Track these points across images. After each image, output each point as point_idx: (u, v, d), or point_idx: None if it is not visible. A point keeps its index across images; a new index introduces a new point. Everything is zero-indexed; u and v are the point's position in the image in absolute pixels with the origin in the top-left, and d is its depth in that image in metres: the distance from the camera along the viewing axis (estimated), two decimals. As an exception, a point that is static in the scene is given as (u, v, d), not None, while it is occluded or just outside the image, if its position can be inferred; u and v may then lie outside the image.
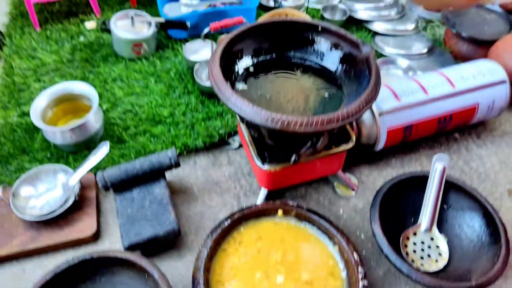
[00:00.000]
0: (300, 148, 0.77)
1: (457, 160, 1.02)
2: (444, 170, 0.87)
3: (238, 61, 0.84)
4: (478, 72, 0.98)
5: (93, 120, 0.95)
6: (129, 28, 1.16)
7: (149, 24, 1.18)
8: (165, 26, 1.20)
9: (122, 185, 0.85)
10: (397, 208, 0.88)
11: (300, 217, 0.82)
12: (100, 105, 1.07)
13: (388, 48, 1.25)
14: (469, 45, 1.20)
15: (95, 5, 1.32)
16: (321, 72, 0.86)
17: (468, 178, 0.99)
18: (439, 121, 0.96)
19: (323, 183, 0.97)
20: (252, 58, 0.86)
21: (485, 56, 1.18)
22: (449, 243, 0.84)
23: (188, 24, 1.20)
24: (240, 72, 0.84)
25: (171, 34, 1.27)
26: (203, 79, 1.13)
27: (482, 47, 1.18)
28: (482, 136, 1.08)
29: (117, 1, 1.41)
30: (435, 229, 0.84)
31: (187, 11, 1.28)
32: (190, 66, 1.16)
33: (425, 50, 1.24)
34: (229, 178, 0.97)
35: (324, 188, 0.96)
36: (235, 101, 0.69)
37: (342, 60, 0.84)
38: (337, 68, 0.85)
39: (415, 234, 0.84)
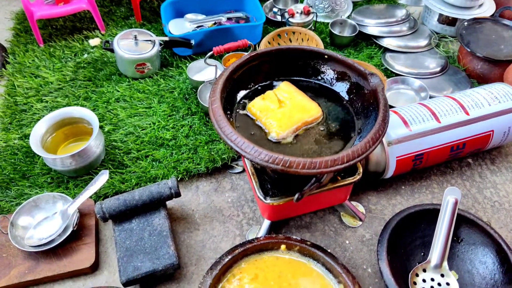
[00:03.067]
0: (304, 184, 0.73)
1: (470, 187, 0.98)
2: (456, 204, 0.83)
3: (241, 90, 0.81)
4: (493, 98, 0.94)
5: (94, 145, 0.93)
6: (132, 47, 1.14)
7: (153, 43, 1.15)
8: (169, 44, 1.18)
9: (121, 216, 0.83)
10: (406, 241, 0.84)
11: (303, 253, 0.79)
12: (102, 126, 1.05)
13: (399, 66, 1.21)
14: (484, 64, 1.15)
15: (99, 21, 1.31)
16: (333, 96, 0.82)
17: (482, 207, 0.94)
18: (452, 149, 0.92)
19: (329, 212, 0.93)
20: (255, 86, 0.83)
21: (501, 75, 1.14)
22: (460, 280, 0.80)
23: (193, 42, 1.18)
24: (243, 101, 0.81)
25: (176, 51, 1.25)
26: (207, 99, 1.10)
27: (498, 66, 1.13)
28: (497, 161, 1.03)
29: (122, 16, 1.39)
30: (445, 265, 0.80)
31: (192, 27, 1.25)
32: (194, 86, 1.14)
33: (438, 69, 1.19)
34: (232, 204, 0.94)
35: (330, 217, 0.92)
36: (235, 139, 0.66)
37: (349, 91, 0.81)
38: (345, 97, 0.81)
39: (425, 271, 0.80)
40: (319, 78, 0.84)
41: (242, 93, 0.81)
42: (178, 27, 1.27)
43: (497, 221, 0.92)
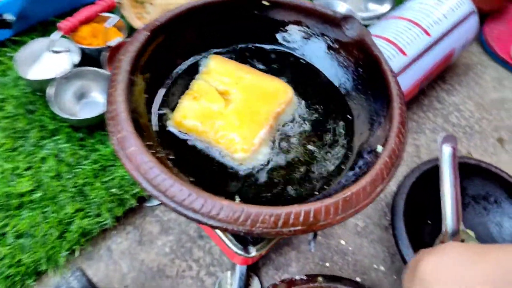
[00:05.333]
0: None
1: (434, 118, 0.83)
2: (454, 153, 0.65)
3: (154, 95, 0.46)
4: (446, 9, 0.75)
5: None
6: None
7: None
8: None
9: None
10: (409, 215, 0.66)
11: None
12: None
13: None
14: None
15: None
16: (304, 67, 0.53)
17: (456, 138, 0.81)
18: (420, 86, 0.74)
19: (305, 212, 0.69)
20: (174, 76, 0.48)
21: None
22: (478, 236, 0.67)
23: (11, 17, 0.70)
24: (162, 111, 0.46)
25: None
26: (68, 105, 0.69)
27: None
28: (447, 78, 0.89)
29: None
30: (462, 228, 0.65)
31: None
32: (37, 88, 0.70)
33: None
34: (175, 255, 0.62)
35: (309, 219, 0.68)
36: (202, 207, 0.34)
37: (323, 51, 0.52)
38: (317, 63, 0.53)
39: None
40: (275, 40, 0.53)
41: (158, 96, 0.46)
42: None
43: (475, 148, 0.80)
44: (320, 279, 0.55)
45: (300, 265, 0.63)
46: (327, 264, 0.64)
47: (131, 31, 0.78)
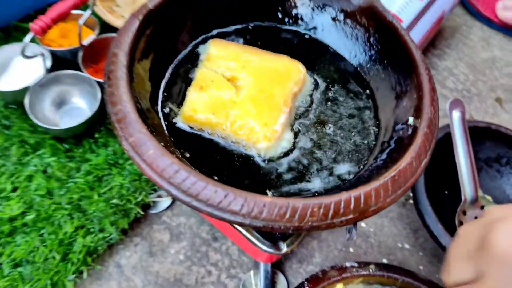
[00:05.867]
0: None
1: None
2: (463, 117, 0.64)
3: (155, 92, 0.41)
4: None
5: None
6: None
7: None
8: None
9: None
10: (428, 188, 0.64)
11: (369, 282, 0.53)
12: None
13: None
14: None
15: None
16: (316, 46, 0.49)
17: (454, 103, 0.80)
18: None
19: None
20: (171, 65, 0.44)
21: None
22: (496, 200, 0.66)
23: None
24: (168, 107, 0.41)
25: None
26: (47, 115, 0.63)
27: None
28: (436, 42, 0.87)
29: None
30: (481, 194, 0.64)
31: None
32: (10, 100, 0.63)
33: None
34: (190, 262, 0.58)
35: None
36: (235, 203, 0.30)
37: (329, 23, 0.48)
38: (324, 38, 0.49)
39: (465, 214, 0.63)
40: (275, 18, 0.49)
41: (160, 90, 0.42)
42: None
43: (475, 110, 0.79)
44: (372, 266, 0.52)
45: (324, 254, 0.60)
46: (351, 249, 0.61)
47: (103, 27, 0.72)
